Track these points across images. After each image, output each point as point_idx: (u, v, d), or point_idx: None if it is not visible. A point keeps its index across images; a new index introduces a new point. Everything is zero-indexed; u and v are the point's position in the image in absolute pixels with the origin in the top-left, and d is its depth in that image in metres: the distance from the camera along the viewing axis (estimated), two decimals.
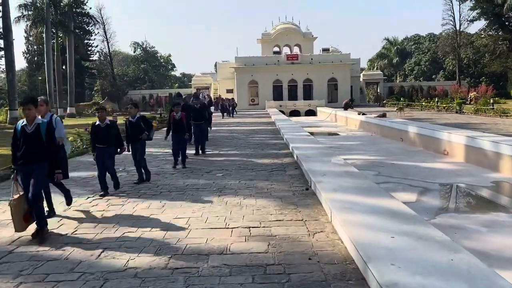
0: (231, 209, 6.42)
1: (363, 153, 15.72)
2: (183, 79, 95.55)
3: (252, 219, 5.86)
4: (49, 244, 5.15)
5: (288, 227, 5.49)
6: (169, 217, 6.13)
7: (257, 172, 9.58)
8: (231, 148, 14.28)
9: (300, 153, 10.85)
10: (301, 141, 13.98)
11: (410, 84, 63.72)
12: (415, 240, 4.35)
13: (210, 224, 5.73)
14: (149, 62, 79.98)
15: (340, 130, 25.88)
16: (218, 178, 8.98)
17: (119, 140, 8.01)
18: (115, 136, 7.81)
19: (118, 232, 5.53)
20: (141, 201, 7.22)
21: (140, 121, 8.66)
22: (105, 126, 7.76)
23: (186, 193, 7.63)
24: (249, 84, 52.61)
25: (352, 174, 8.04)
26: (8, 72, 35.69)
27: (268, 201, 6.86)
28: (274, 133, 19.38)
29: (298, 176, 8.85)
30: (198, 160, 11.46)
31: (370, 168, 12.47)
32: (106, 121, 7.79)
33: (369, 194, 6.39)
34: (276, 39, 59.23)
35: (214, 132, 20.29)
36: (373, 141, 19.55)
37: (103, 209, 6.76)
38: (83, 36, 57.48)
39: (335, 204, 5.82)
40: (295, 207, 6.44)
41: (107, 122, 7.78)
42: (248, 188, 7.85)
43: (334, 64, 52.16)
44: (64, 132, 6.84)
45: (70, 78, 46.52)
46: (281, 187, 7.91)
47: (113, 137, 7.76)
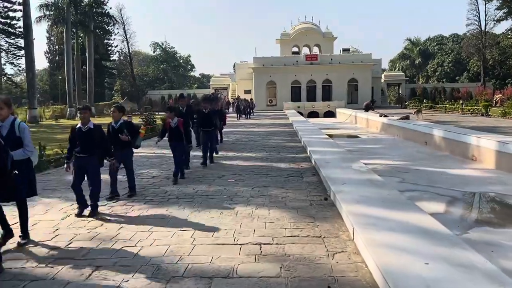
0: (242, 221, 5.83)
1: (385, 158, 14.92)
2: (202, 80, 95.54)
3: (264, 234, 5.26)
4: (39, 259, 4.66)
5: (304, 245, 4.87)
6: (173, 229, 5.58)
7: (271, 178, 8.97)
8: (246, 150, 13.70)
9: (318, 158, 10.20)
10: (319, 144, 13.31)
11: (433, 85, 62.13)
12: (454, 268, 3.68)
13: (217, 238, 5.15)
14: (168, 62, 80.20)
15: (361, 133, 25.02)
16: (230, 184, 8.40)
17: (104, 148, 6.59)
18: (99, 143, 6.43)
19: (116, 245, 5.00)
20: (146, 209, 6.70)
21: (123, 127, 7.41)
22: (87, 131, 6.35)
23: (195, 201, 7.08)
24: (267, 84, 52.01)
25: (376, 183, 7.35)
26: (28, 72, 35.98)
27: (282, 212, 6.24)
28: (291, 135, 18.73)
29: (316, 184, 8.20)
30: (210, 164, 10.90)
31: (393, 174, 11.71)
32: (89, 124, 6.38)
33: (396, 207, 5.71)
34: (295, 39, 58.47)
35: (230, 134, 19.77)
36: (396, 145, 18.71)
37: (104, 217, 6.25)
38: (103, 36, 57.83)
39: (358, 219, 5.17)
40: (312, 220, 5.81)
41: (89, 125, 6.37)
42: (261, 197, 7.25)
43: (355, 65, 51.12)
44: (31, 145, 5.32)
45: (90, 77, 46.77)
46: (297, 196, 7.28)
47: (97, 144, 6.40)
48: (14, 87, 53.83)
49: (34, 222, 6.06)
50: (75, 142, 6.40)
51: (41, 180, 9.29)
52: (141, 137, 7.89)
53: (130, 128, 7.56)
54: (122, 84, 66.92)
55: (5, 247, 4.99)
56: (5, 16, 45.05)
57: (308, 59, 52.06)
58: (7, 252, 4.87)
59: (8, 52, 46.93)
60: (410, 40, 78.12)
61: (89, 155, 6.32)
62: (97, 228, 5.76)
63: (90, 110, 6.64)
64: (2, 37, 41.71)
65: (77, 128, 6.43)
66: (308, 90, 51.92)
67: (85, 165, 6.32)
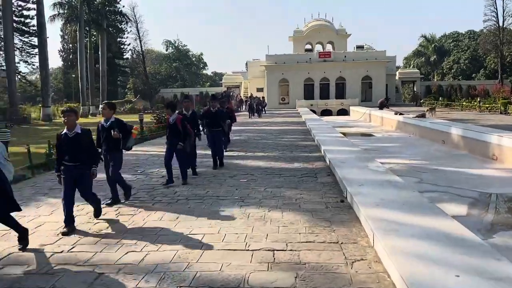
0: (254, 224, 5.52)
1: (402, 157, 14.46)
2: (215, 78, 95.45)
3: (277, 239, 4.94)
4: (39, 264, 4.42)
5: (320, 251, 4.54)
6: (182, 232, 5.30)
7: (285, 178, 8.64)
8: (258, 149, 13.38)
9: (333, 157, 9.84)
10: (333, 143, 12.93)
11: (449, 83, 60.97)
12: (488, 282, 3.33)
13: (227, 244, 4.85)
14: (181, 60, 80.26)
15: (375, 131, 24.50)
16: (241, 184, 8.09)
17: (93, 155, 5.83)
18: (87, 150, 5.68)
19: (121, 250, 4.74)
20: (154, 210, 6.43)
21: (114, 126, 6.67)
22: (74, 136, 5.59)
23: (205, 202, 6.79)
24: (279, 82, 51.61)
25: (395, 184, 6.98)
26: (41, 70, 36.19)
27: (296, 215, 5.92)
28: (304, 134, 18.35)
29: (331, 185, 7.85)
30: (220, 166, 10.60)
31: (410, 174, 11.27)
32: (76, 128, 5.63)
33: (418, 211, 5.34)
34: (308, 36, 57.88)
35: (242, 132, 19.47)
36: (412, 143, 18.20)
37: (111, 219, 6.01)
38: (116, 34, 58.03)
39: (378, 224, 4.82)
40: (328, 224, 5.47)
41: (77, 130, 5.61)
42: (274, 198, 6.93)
43: (369, 62, 50.42)
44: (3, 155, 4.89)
45: (103, 76, 46.94)
46: (311, 197, 6.95)
47: (86, 151, 5.64)
48: (28, 85, 54.31)
49: (38, 223, 5.85)
50: (61, 150, 5.66)
51: (49, 179, 9.13)
52: (133, 137, 7.07)
53: (122, 127, 6.75)
54: (135, 82, 67.13)
55: (4, 252, 4.77)
56: (19, 14, 45.45)
57: (322, 56, 51.49)
58: (7, 256, 4.65)
59: (22, 50, 47.35)
60: (425, 37, 76.86)
61: (79, 164, 5.54)
62: (102, 231, 5.51)
63: (75, 113, 5.78)
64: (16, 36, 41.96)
65: (63, 134, 5.66)
66: (321, 88, 51.37)
67: (75, 176, 5.57)
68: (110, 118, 6.78)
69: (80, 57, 43.03)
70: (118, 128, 6.67)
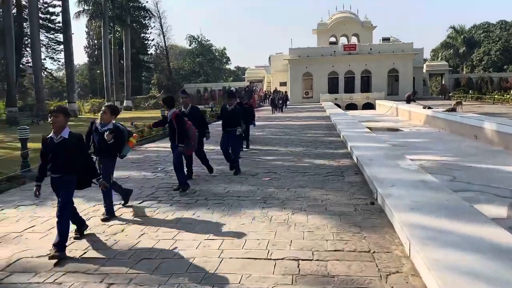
0: (276, 229, 5.12)
1: (432, 153, 13.76)
2: (237, 73, 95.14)
3: (302, 246, 4.53)
4: (48, 272, 4.15)
5: (350, 262, 4.11)
6: (199, 237, 4.95)
7: (309, 177, 8.19)
8: (281, 146, 12.94)
9: (360, 155, 9.33)
10: (360, 139, 12.38)
11: (479, 75, 58.81)
12: None
13: (247, 251, 4.47)
14: (204, 55, 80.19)
15: (403, 126, 23.68)
16: (263, 183, 7.70)
17: (86, 168, 4.93)
18: (75, 160, 4.75)
19: (133, 258, 4.42)
20: (172, 212, 6.11)
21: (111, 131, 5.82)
22: (60, 142, 4.67)
23: (225, 203, 6.44)
24: (303, 76, 50.82)
25: (430, 185, 6.45)
26: (67, 66, 36.61)
27: (323, 218, 5.49)
28: (329, 129, 17.80)
29: (360, 184, 7.37)
30: (244, 161, 10.23)
31: (442, 172, 10.63)
32: (64, 133, 4.68)
33: (459, 216, 4.83)
34: (332, 29, 56.76)
35: (264, 127, 19.07)
36: (442, 139, 17.41)
37: (126, 221, 5.72)
38: (139, 30, 58.35)
39: (415, 232, 4.35)
40: (358, 229, 5.02)
41: (63, 135, 4.67)
42: (298, 199, 6.51)
43: (395, 54, 49.04)
44: None
45: (127, 71, 47.26)
46: (338, 198, 6.50)
47: (74, 160, 4.73)
48: (54, 82, 55.27)
49: (52, 225, 5.58)
50: (46, 158, 4.78)
51: None
52: (130, 146, 6.22)
53: (118, 133, 5.86)
54: (159, 78, 67.47)
55: (13, 257, 4.52)
56: (45, 11, 46.14)
57: (346, 49, 50.39)
58: (15, 262, 4.40)
59: (48, 47, 48.12)
60: (454, 28, 74.40)
61: (63, 175, 4.66)
62: (117, 234, 5.22)
63: (64, 113, 4.74)
64: (42, 33, 42.66)
65: (48, 138, 4.76)
66: (346, 81, 50.33)
67: (60, 186, 4.73)
68: (108, 123, 5.88)
69: (104, 53, 43.39)
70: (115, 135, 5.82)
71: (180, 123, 7.18)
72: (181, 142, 7.18)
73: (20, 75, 40.22)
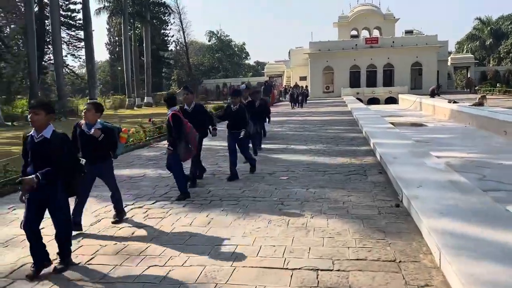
0: (294, 234, 4.79)
1: (458, 150, 13.15)
2: (257, 68, 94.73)
3: (322, 254, 4.20)
4: (51, 280, 3.93)
5: (374, 273, 3.76)
6: (212, 242, 4.67)
7: (330, 176, 7.82)
8: (300, 142, 12.56)
9: (384, 152, 8.89)
10: (384, 135, 11.90)
11: (506, 68, 56.81)
12: None
13: (262, 259, 4.16)
14: (223, 51, 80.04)
15: (427, 121, 22.95)
16: (281, 183, 7.36)
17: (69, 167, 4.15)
18: (61, 162, 3.99)
19: (142, 264, 4.17)
20: (185, 213, 5.86)
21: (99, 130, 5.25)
22: (41, 142, 4.00)
23: (240, 204, 6.14)
24: (323, 70, 50.05)
25: (460, 186, 6.00)
26: (88, 63, 36.90)
27: (344, 222, 5.13)
28: (351, 125, 17.29)
29: (384, 184, 6.96)
30: (261, 159, 9.90)
31: (470, 170, 10.07)
32: (46, 132, 4.01)
33: (494, 222, 4.40)
34: (353, 22, 55.67)
35: (283, 123, 18.68)
36: (469, 134, 16.71)
37: (137, 224, 5.48)
38: (159, 26, 58.48)
39: (446, 240, 3.96)
40: (382, 235, 4.65)
41: (44, 134, 4.00)
42: (317, 200, 6.16)
43: (419, 47, 47.76)
44: None
45: (147, 68, 47.43)
46: (361, 199, 6.12)
47: (56, 165, 3.95)
48: (75, 78, 55.98)
49: None
50: (26, 160, 4.14)
51: None
52: (122, 142, 5.71)
53: (108, 133, 5.30)
54: (179, 74, 67.63)
55: (18, 262, 4.33)
56: (66, 8, 46.58)
57: (368, 42, 49.35)
58: (19, 268, 4.21)
59: (69, 44, 48.65)
60: (480, 19, 72.11)
61: (45, 184, 3.92)
62: (126, 238, 4.98)
63: (46, 109, 4.04)
64: (63, 30, 43.14)
65: (28, 136, 4.09)
66: (368, 75, 49.33)
67: (44, 197, 4.04)
68: (95, 123, 5.24)
69: (125, 50, 43.61)
70: (104, 133, 5.24)
71: (177, 124, 6.43)
72: (173, 146, 6.49)
73: (42, 72, 40.79)
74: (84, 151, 5.20)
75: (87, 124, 5.26)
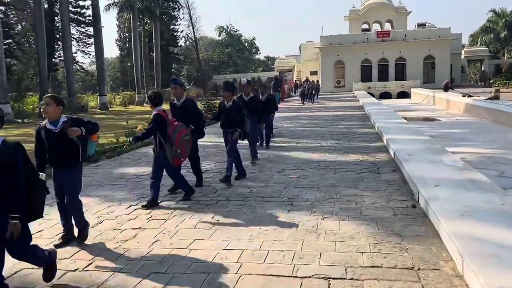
0: (304, 238, 4.51)
1: (474, 145, 12.69)
2: (267, 63, 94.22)
3: (334, 261, 3.91)
4: (47, 286, 3.71)
5: (391, 282, 3.46)
6: (216, 246, 4.41)
7: (341, 174, 7.51)
8: (311, 138, 12.24)
9: (398, 148, 8.55)
10: (397, 131, 11.54)
11: None
12: None
13: (270, 266, 3.89)
14: (233, 46, 79.71)
15: (440, 115, 22.41)
16: (291, 182, 7.08)
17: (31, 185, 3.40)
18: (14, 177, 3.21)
19: (142, 271, 3.93)
20: (190, 214, 5.60)
21: (68, 126, 4.39)
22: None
23: (247, 205, 5.87)
24: (334, 65, 49.48)
25: (480, 185, 5.66)
26: (97, 59, 36.90)
27: (357, 225, 4.83)
28: (362, 120, 16.91)
29: (398, 183, 6.64)
30: (270, 156, 9.63)
31: (487, 166, 9.65)
32: None
33: None
34: (365, 15, 54.90)
35: (293, 118, 18.37)
36: (485, 129, 16.21)
37: (140, 226, 5.24)
38: (168, 21, 58.26)
39: (468, 246, 3.65)
40: (398, 239, 4.35)
41: None
42: (328, 200, 5.86)
43: (431, 41, 46.91)
44: None
45: (157, 64, 47.31)
46: (375, 200, 5.81)
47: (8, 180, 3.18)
48: (85, 75, 56.13)
49: (60, 230, 5.15)
50: None
51: (87, 174, 8.62)
52: (94, 140, 4.86)
53: (79, 123, 4.51)
54: (189, 69, 67.47)
55: (14, 268, 4.12)
56: (76, 5, 46.63)
57: (380, 36, 48.63)
58: (15, 274, 4.00)
59: (79, 40, 48.76)
60: (495, 11, 70.52)
61: None
62: (128, 241, 4.75)
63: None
64: (73, 26, 43.21)
65: None
66: (379, 69, 48.65)
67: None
68: (58, 119, 4.41)
69: (134, 46, 43.53)
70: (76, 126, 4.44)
71: (158, 124, 5.88)
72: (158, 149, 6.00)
73: (52, 69, 40.95)
74: (55, 155, 4.46)
75: (52, 122, 4.43)
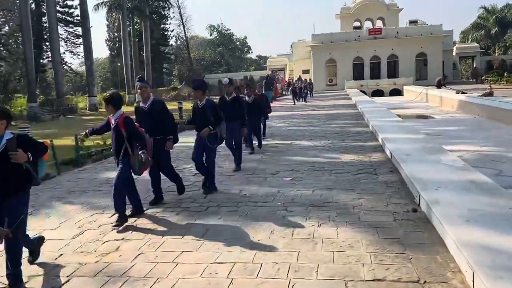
0: (299, 248, 4.19)
1: (470, 143, 12.49)
2: (259, 62, 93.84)
3: (332, 274, 3.60)
4: None
5: None
6: (205, 259, 4.07)
7: (337, 175, 7.20)
8: (305, 138, 11.92)
9: (394, 148, 8.26)
10: (392, 130, 11.26)
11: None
12: None
13: (263, 281, 3.56)
14: (225, 45, 79.23)
15: (434, 112, 22.25)
16: (285, 185, 6.76)
17: None
18: None
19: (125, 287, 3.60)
20: (178, 222, 5.26)
21: (13, 148, 3.59)
22: None
23: (240, 211, 5.54)
24: (326, 63, 49.26)
25: (483, 186, 5.38)
26: (86, 60, 36.34)
27: (355, 232, 4.53)
28: (356, 118, 16.64)
29: (397, 185, 6.34)
30: (263, 157, 9.31)
31: (485, 165, 9.43)
32: None
33: None
34: (356, 13, 54.74)
35: (286, 118, 18.06)
36: (480, 126, 16.03)
37: (123, 236, 4.89)
38: (159, 21, 57.70)
39: (479, 256, 3.35)
40: (401, 248, 4.04)
41: None
42: (325, 205, 5.55)
43: (423, 37, 46.85)
44: None
45: (147, 63, 46.79)
46: (373, 203, 5.50)
47: None
48: (74, 76, 55.38)
49: None
50: None
51: (71, 179, 8.25)
52: (46, 160, 4.16)
53: (27, 146, 3.71)
54: (180, 69, 66.99)
55: None
56: (63, 5, 45.91)
57: (372, 33, 48.47)
58: None
59: (67, 41, 48.05)
60: (485, 8, 70.77)
61: None
62: (109, 254, 4.40)
63: None
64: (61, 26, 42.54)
65: None
66: (371, 67, 48.50)
67: None
68: (1, 135, 3.64)
69: (124, 45, 42.91)
70: (22, 148, 3.63)
71: (132, 128, 5.27)
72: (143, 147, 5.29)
73: (41, 70, 40.28)
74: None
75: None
